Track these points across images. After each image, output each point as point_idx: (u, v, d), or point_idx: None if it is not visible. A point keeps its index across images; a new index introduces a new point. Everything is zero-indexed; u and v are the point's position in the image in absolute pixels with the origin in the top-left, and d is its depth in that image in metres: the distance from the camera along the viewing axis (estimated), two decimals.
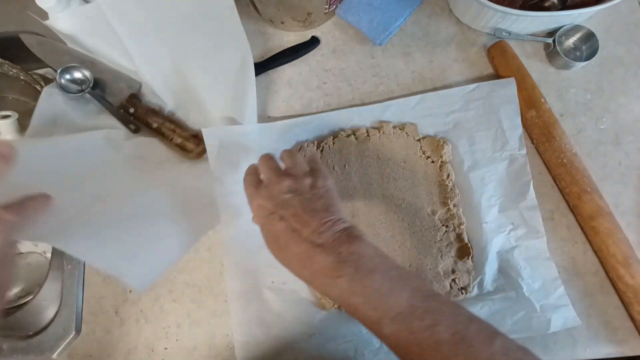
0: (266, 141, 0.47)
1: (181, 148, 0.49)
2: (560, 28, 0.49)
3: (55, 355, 0.44)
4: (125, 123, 0.49)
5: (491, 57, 0.50)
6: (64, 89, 0.47)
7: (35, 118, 0.44)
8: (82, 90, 0.48)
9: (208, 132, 0.44)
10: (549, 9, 0.51)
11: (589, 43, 0.49)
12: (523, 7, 0.50)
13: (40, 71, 0.55)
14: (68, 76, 0.48)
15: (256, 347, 0.42)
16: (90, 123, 0.48)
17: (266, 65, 0.51)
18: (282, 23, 0.51)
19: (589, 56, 0.49)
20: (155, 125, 0.49)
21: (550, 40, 0.49)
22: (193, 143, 0.48)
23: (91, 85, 0.49)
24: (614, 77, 0.50)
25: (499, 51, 0.49)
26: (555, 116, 0.46)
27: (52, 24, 0.46)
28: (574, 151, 0.45)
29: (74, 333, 0.44)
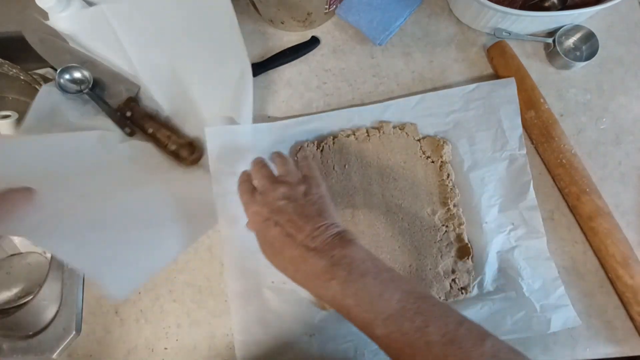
0: (266, 141, 0.47)
1: (175, 155, 0.48)
2: (560, 28, 0.49)
3: (55, 355, 0.44)
4: (120, 126, 0.49)
5: (491, 58, 0.50)
6: (63, 89, 0.47)
7: (30, 114, 0.44)
8: (81, 90, 0.48)
9: (210, 132, 0.44)
10: (549, 9, 0.51)
11: (589, 43, 0.49)
12: (523, 7, 0.50)
13: (40, 71, 0.55)
14: (67, 76, 0.48)
15: (256, 347, 0.42)
16: (85, 123, 0.48)
17: (266, 65, 0.51)
18: (282, 23, 0.51)
19: (589, 56, 0.49)
20: (150, 130, 0.48)
21: (550, 40, 0.49)
22: (187, 151, 0.48)
23: (90, 85, 0.48)
24: (614, 77, 0.50)
25: (499, 51, 0.49)
26: (554, 116, 0.46)
27: (54, 24, 0.46)
28: (573, 151, 0.45)
29: (74, 333, 0.44)
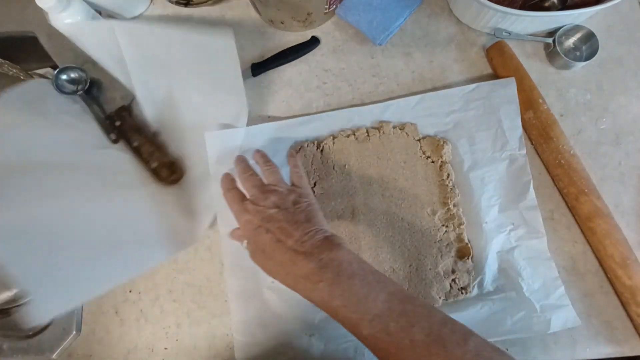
0: (266, 141, 0.47)
1: (155, 173, 0.47)
2: (560, 28, 0.49)
3: (55, 355, 0.44)
4: (107, 131, 0.48)
5: (490, 58, 0.50)
6: (60, 89, 0.48)
7: (7, 94, 0.42)
8: (77, 90, 0.49)
9: (209, 137, 0.45)
10: (549, 9, 0.51)
11: (589, 43, 0.49)
12: (523, 7, 0.50)
13: (40, 71, 0.55)
14: (65, 76, 0.49)
15: (256, 347, 0.42)
16: (67, 120, 0.47)
17: (266, 65, 0.51)
18: (282, 23, 0.51)
19: (589, 56, 0.49)
20: (136, 143, 0.48)
21: (550, 40, 0.49)
22: (168, 170, 0.47)
23: (86, 87, 0.49)
24: (614, 77, 0.50)
25: (498, 52, 0.49)
26: (553, 117, 0.46)
27: (54, 24, 0.46)
28: (572, 152, 0.45)
29: (74, 333, 0.44)
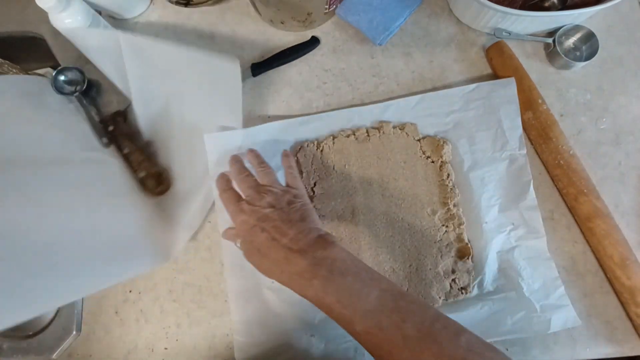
0: (266, 142, 0.47)
1: (142, 183, 0.47)
2: (560, 28, 0.49)
3: (55, 355, 0.44)
4: (99, 135, 0.48)
5: (489, 58, 0.50)
6: (57, 88, 0.48)
7: (4, 83, 0.42)
8: (73, 92, 0.49)
9: (209, 138, 0.45)
10: (549, 9, 0.51)
11: (589, 43, 0.49)
12: (523, 7, 0.50)
13: (40, 71, 0.55)
14: (63, 77, 0.49)
15: (256, 347, 0.42)
16: (61, 120, 0.47)
17: (266, 65, 0.51)
18: (282, 23, 0.51)
19: (589, 56, 0.49)
20: (126, 150, 0.48)
21: (550, 40, 0.49)
22: (155, 181, 0.47)
23: (83, 88, 0.49)
24: (614, 77, 0.50)
25: (497, 52, 0.49)
26: (552, 117, 0.46)
27: (54, 24, 0.46)
28: (572, 152, 0.45)
29: (74, 333, 0.44)
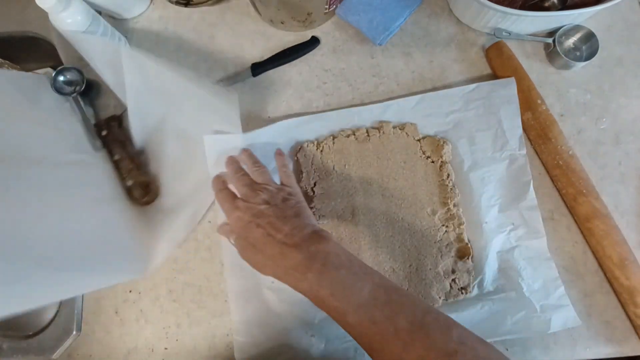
0: (266, 142, 0.47)
1: (129, 191, 0.47)
2: (560, 28, 0.49)
3: (55, 355, 0.44)
4: (92, 138, 0.48)
5: (489, 59, 0.50)
6: (57, 89, 0.48)
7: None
8: (72, 92, 0.49)
9: (208, 140, 0.45)
10: (549, 9, 0.51)
11: (589, 43, 0.49)
12: (523, 7, 0.50)
13: (40, 71, 0.55)
14: (62, 77, 0.49)
15: (256, 347, 0.42)
16: (55, 119, 0.47)
17: (266, 65, 0.51)
18: (282, 23, 0.51)
19: (589, 56, 0.49)
20: (116, 157, 0.47)
21: (550, 40, 0.49)
22: (142, 191, 0.46)
23: (82, 89, 0.49)
24: (614, 77, 0.50)
25: (496, 52, 0.49)
26: (551, 117, 0.46)
27: (54, 24, 0.46)
28: (571, 153, 0.45)
29: (74, 333, 0.44)
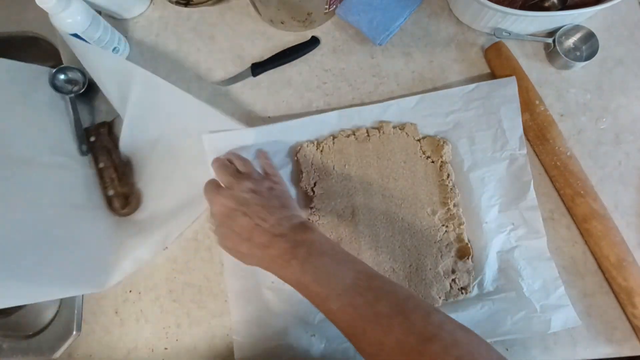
0: (266, 142, 0.47)
1: (109, 201, 0.47)
2: (560, 28, 0.49)
3: (55, 355, 0.44)
4: (80, 141, 0.48)
5: (488, 59, 0.50)
6: (56, 87, 0.49)
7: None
8: (70, 92, 0.49)
9: (207, 138, 0.45)
10: (549, 9, 0.50)
11: (589, 43, 0.49)
12: (523, 7, 0.50)
13: None
14: (63, 75, 0.49)
15: (256, 347, 0.42)
16: (45, 117, 0.47)
17: (266, 65, 0.51)
18: (282, 23, 0.51)
19: (589, 56, 0.49)
20: (101, 165, 0.47)
21: (550, 40, 0.49)
22: (121, 202, 0.46)
23: (81, 91, 0.49)
24: (614, 77, 0.50)
25: (495, 53, 0.49)
26: (550, 118, 0.46)
27: (54, 24, 0.46)
28: (569, 153, 0.45)
29: (74, 333, 0.44)
